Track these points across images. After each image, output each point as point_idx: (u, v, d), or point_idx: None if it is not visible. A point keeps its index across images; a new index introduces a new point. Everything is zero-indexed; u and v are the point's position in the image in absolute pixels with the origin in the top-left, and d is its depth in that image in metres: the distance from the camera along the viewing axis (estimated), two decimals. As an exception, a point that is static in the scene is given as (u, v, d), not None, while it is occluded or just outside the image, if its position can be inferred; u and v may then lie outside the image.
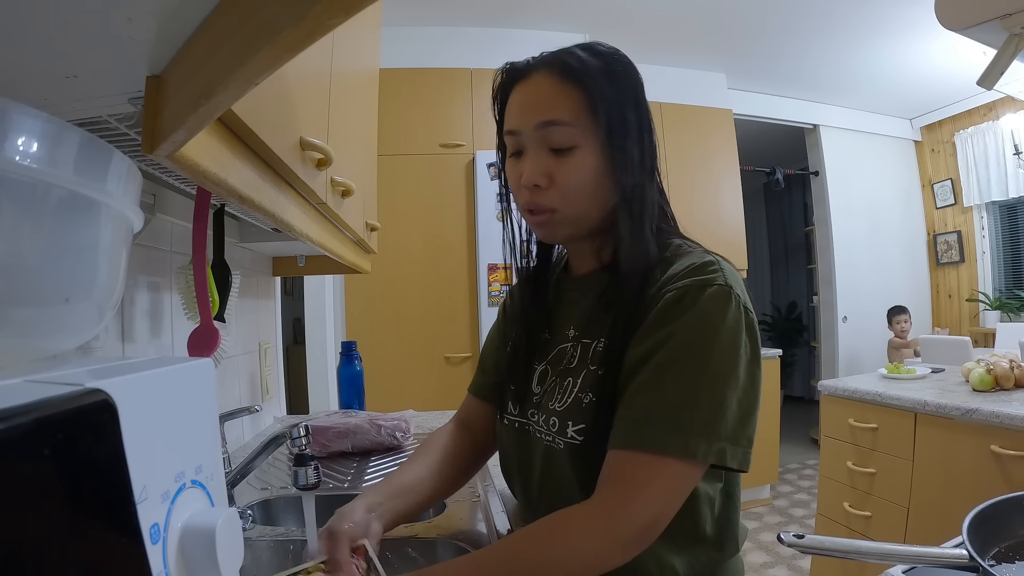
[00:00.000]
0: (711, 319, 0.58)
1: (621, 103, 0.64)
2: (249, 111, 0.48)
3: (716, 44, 3.37)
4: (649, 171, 0.67)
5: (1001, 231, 4.15)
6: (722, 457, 0.56)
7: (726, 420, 0.56)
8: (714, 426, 0.56)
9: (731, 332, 0.58)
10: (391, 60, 2.81)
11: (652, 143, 0.68)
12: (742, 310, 0.59)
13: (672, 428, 0.56)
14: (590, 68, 0.63)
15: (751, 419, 0.59)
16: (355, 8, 0.27)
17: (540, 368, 0.73)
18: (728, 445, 0.56)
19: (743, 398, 0.58)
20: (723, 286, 0.59)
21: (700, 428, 0.56)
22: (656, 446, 0.56)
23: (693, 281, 0.59)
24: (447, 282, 2.84)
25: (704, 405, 0.56)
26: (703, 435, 0.55)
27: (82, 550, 0.26)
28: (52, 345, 0.37)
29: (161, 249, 0.99)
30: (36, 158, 0.30)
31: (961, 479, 1.66)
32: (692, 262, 0.62)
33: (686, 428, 0.55)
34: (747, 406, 0.58)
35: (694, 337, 0.57)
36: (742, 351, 0.58)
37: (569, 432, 0.64)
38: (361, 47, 1.14)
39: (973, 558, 0.60)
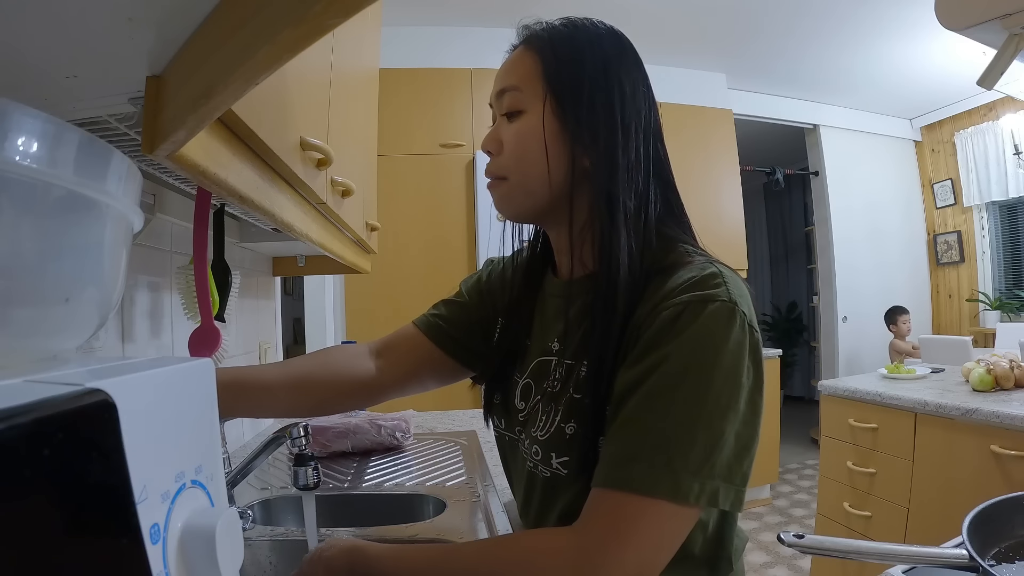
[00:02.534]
0: (711, 341, 0.51)
1: (577, 70, 0.60)
2: (249, 111, 0.48)
3: (716, 44, 3.37)
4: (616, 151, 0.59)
5: (1001, 231, 4.15)
6: (714, 499, 0.50)
7: (722, 457, 0.50)
8: (709, 464, 0.50)
9: (733, 356, 0.51)
10: (391, 60, 2.81)
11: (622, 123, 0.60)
12: (747, 330, 0.52)
13: (662, 466, 0.49)
14: (552, 35, 0.62)
15: (748, 454, 0.52)
16: (355, 8, 0.27)
17: (523, 382, 0.68)
18: (722, 484, 0.50)
19: (742, 431, 0.51)
20: (727, 302, 0.52)
21: (694, 467, 0.49)
22: (644, 487, 0.49)
23: (693, 297, 0.52)
24: (447, 282, 2.80)
25: (700, 441, 0.50)
26: (696, 474, 0.49)
27: (82, 550, 0.26)
28: (52, 345, 0.37)
29: (161, 249, 0.99)
30: (36, 158, 0.30)
31: (961, 479, 1.66)
32: (693, 275, 0.54)
33: (679, 467, 0.49)
34: (746, 440, 0.52)
35: (691, 361, 0.51)
36: (744, 378, 0.52)
37: (553, 463, 0.60)
38: (361, 47, 1.14)
39: (973, 558, 0.60)
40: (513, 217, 0.68)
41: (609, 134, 0.60)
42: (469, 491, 1.07)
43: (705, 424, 0.50)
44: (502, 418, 0.71)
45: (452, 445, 1.41)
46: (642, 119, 0.62)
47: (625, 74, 0.62)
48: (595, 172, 0.59)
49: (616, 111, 0.60)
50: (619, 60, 0.62)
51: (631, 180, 0.60)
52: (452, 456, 1.32)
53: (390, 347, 0.81)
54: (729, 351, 0.51)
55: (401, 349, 0.80)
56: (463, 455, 1.33)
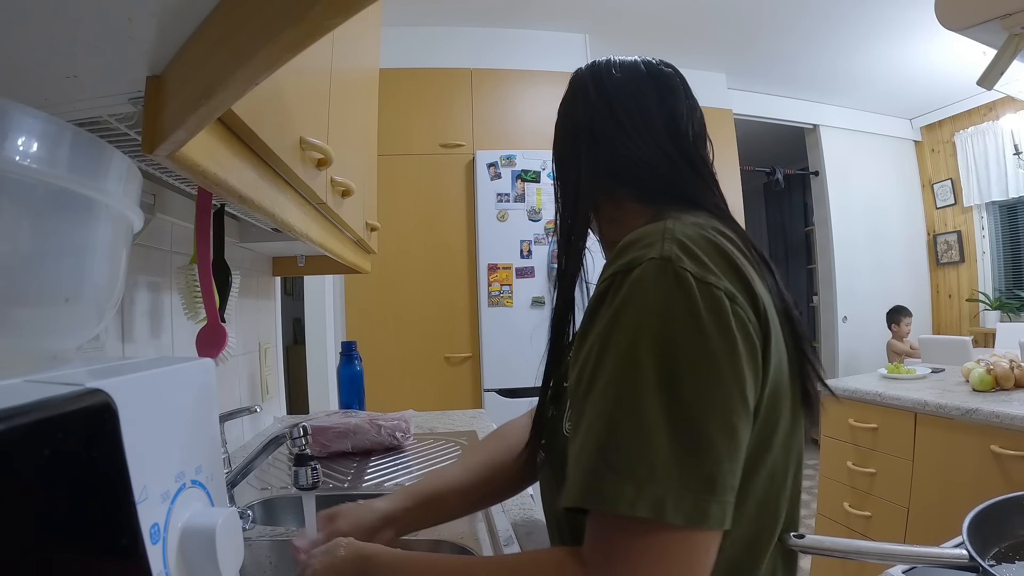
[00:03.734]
0: (632, 312, 0.42)
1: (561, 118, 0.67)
2: (249, 111, 0.48)
3: (716, 44, 3.37)
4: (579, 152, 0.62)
5: (1001, 231, 4.15)
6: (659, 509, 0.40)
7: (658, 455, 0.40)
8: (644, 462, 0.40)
9: (663, 322, 0.42)
10: (391, 60, 2.81)
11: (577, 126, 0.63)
12: (690, 284, 0.42)
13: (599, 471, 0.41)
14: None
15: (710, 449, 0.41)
16: (355, 8, 0.27)
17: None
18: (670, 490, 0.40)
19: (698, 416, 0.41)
20: (655, 260, 0.43)
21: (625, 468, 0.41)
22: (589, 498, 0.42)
23: (619, 265, 0.45)
24: (447, 282, 2.84)
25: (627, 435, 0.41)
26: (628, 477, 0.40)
27: (82, 550, 0.26)
28: (52, 345, 0.37)
29: (161, 249, 0.99)
30: (36, 158, 0.30)
31: (961, 479, 1.66)
32: (630, 239, 0.47)
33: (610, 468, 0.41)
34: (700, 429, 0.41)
35: (609, 343, 0.43)
36: (686, 347, 0.41)
37: (540, 451, 0.62)
38: (361, 47, 1.14)
39: (973, 558, 0.60)
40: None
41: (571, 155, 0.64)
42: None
43: (631, 415, 0.41)
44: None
45: (452, 445, 1.41)
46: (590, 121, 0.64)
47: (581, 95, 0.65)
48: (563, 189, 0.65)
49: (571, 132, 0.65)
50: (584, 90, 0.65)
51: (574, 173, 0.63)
52: (452, 456, 1.32)
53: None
54: (657, 318, 0.42)
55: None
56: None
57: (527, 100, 2.94)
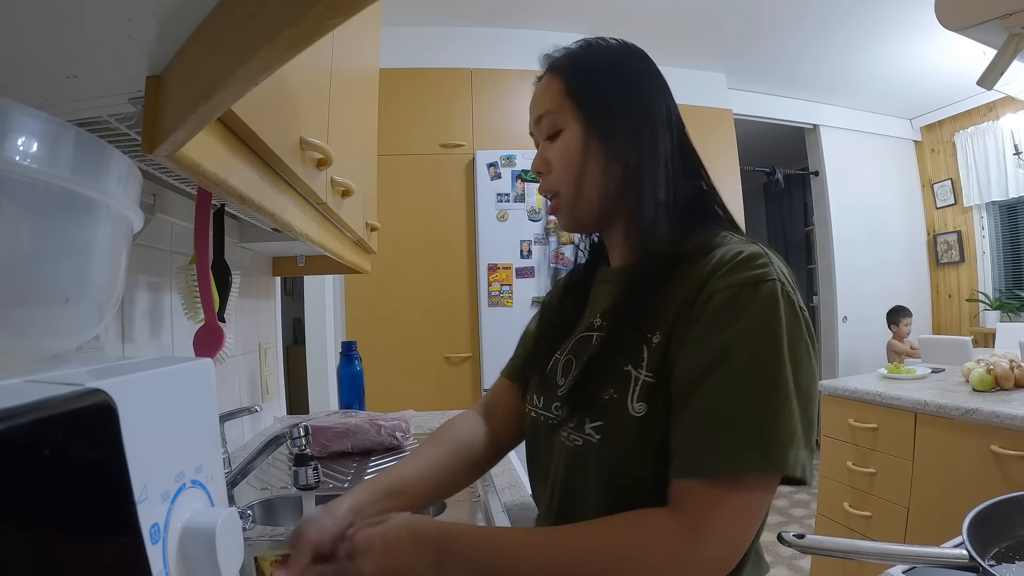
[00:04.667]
0: (772, 323, 0.54)
1: (599, 82, 0.66)
2: (249, 111, 0.48)
3: (716, 44, 3.37)
4: (645, 147, 0.65)
5: (1001, 231, 4.15)
6: (805, 470, 0.52)
7: (799, 428, 0.53)
8: (795, 436, 0.52)
9: (791, 335, 0.54)
10: (391, 60, 2.81)
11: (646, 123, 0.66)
12: (798, 308, 0.56)
13: (753, 446, 0.52)
14: (570, 56, 0.69)
15: (815, 427, 0.55)
16: (355, 8, 0.27)
17: (564, 358, 0.70)
18: (804, 454, 0.53)
19: (807, 405, 0.54)
20: (776, 280, 0.55)
21: (784, 441, 0.52)
22: (737, 468, 0.52)
23: (745, 278, 0.55)
24: (447, 282, 2.84)
25: (783, 417, 0.52)
26: (788, 446, 0.52)
27: (82, 550, 0.26)
28: (52, 345, 0.37)
29: (161, 249, 0.99)
30: (36, 158, 0.30)
31: (961, 479, 1.66)
32: (738, 252, 0.57)
33: (768, 442, 0.52)
34: (811, 413, 0.55)
35: (759, 344, 0.53)
36: (802, 354, 0.54)
37: (586, 429, 0.62)
38: (361, 47, 1.14)
39: (973, 558, 0.60)
40: (576, 227, 0.72)
41: (637, 133, 0.65)
42: (469, 491, 1.07)
43: (785, 403, 0.52)
44: (541, 396, 0.72)
45: (452, 445, 1.41)
46: (663, 114, 0.68)
47: (642, 76, 0.68)
48: (632, 170, 0.65)
49: (638, 111, 0.66)
50: (633, 65, 0.69)
51: (663, 171, 0.65)
52: (452, 456, 1.32)
53: (491, 407, 0.84)
54: (787, 330, 0.54)
55: (499, 406, 0.83)
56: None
57: (527, 100, 2.92)
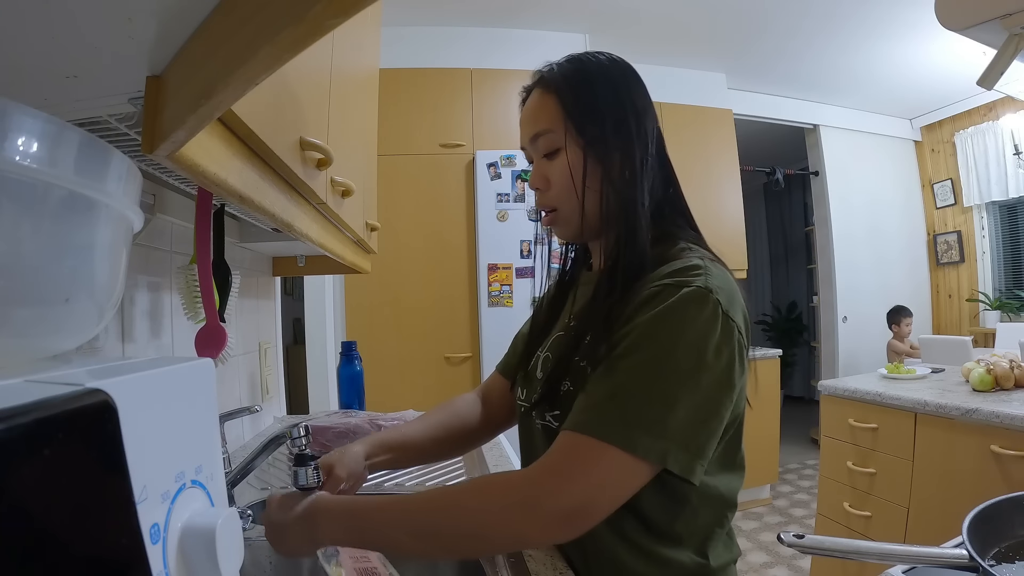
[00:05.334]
0: (678, 317, 0.57)
1: (595, 103, 0.68)
2: (249, 111, 0.48)
3: (716, 44, 3.37)
4: (638, 165, 0.68)
5: (1001, 231, 4.15)
6: (663, 458, 0.54)
7: (675, 421, 0.54)
8: (660, 424, 0.54)
9: (699, 334, 0.56)
10: (392, 60, 2.80)
11: (639, 138, 0.68)
12: (720, 316, 0.57)
13: (617, 417, 0.55)
14: (564, 75, 0.70)
15: (707, 428, 0.56)
16: (355, 8, 0.27)
17: (543, 355, 0.76)
18: (673, 446, 0.54)
19: (702, 405, 0.56)
20: (701, 288, 0.58)
21: (646, 424, 0.54)
22: (598, 432, 0.55)
23: (672, 281, 0.59)
24: (447, 282, 2.84)
25: (654, 401, 0.55)
26: (646, 430, 0.54)
27: (82, 550, 0.26)
28: (52, 345, 0.37)
29: (161, 249, 0.99)
30: (36, 158, 0.30)
31: (961, 479, 1.66)
32: (680, 264, 0.62)
33: (631, 420, 0.54)
34: (705, 414, 0.56)
35: (656, 332, 0.57)
36: (709, 357, 0.56)
37: (547, 417, 0.69)
38: (361, 47, 1.14)
39: (973, 558, 0.60)
40: (572, 239, 0.77)
41: (631, 152, 0.68)
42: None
43: (660, 388, 0.55)
44: (524, 388, 0.78)
45: (452, 445, 1.41)
46: (651, 128, 0.71)
47: (633, 93, 0.70)
48: (623, 184, 0.68)
49: (633, 130, 0.68)
50: (625, 82, 0.71)
51: (649, 184, 0.69)
52: (452, 456, 1.32)
53: (487, 394, 0.92)
54: (695, 329, 0.56)
55: (494, 395, 0.90)
56: (463, 455, 1.32)
57: (527, 100, 2.93)
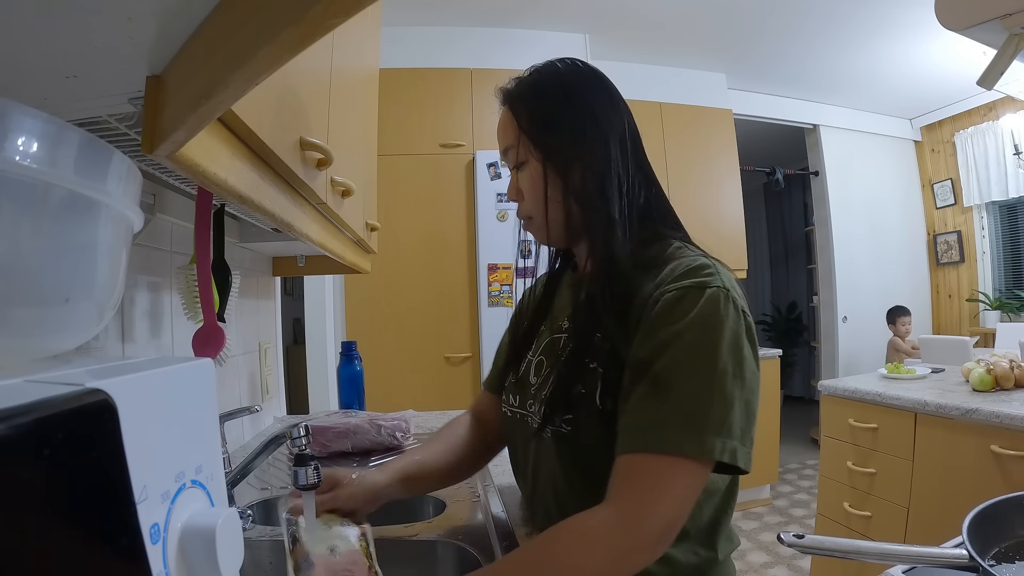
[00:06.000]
0: (715, 320, 0.59)
1: (550, 114, 0.70)
2: (249, 111, 0.48)
3: (716, 44, 3.37)
4: (598, 171, 0.68)
5: (1001, 231, 4.15)
6: (735, 456, 0.57)
7: (736, 419, 0.57)
8: (726, 425, 0.57)
9: (733, 333, 0.59)
10: (392, 60, 2.80)
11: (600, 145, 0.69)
12: (741, 313, 0.60)
13: (686, 428, 0.56)
14: (520, 90, 0.72)
15: (754, 419, 0.60)
16: (355, 8, 0.27)
17: (536, 359, 0.76)
18: (739, 444, 0.57)
19: (749, 399, 0.59)
20: (721, 288, 0.60)
21: (714, 427, 0.56)
22: (671, 447, 0.56)
23: (692, 283, 0.61)
24: (447, 282, 2.84)
25: (716, 405, 0.57)
26: (716, 433, 0.56)
27: (82, 550, 0.26)
28: (52, 345, 0.37)
29: (161, 249, 0.99)
30: (36, 158, 0.30)
31: (961, 479, 1.66)
32: (689, 263, 0.63)
33: (701, 427, 0.56)
34: (752, 407, 0.59)
35: (699, 339, 0.58)
36: (746, 353, 0.59)
37: (557, 422, 0.68)
38: (361, 47, 1.14)
39: (973, 558, 0.60)
40: (550, 244, 0.79)
41: (590, 159, 0.69)
42: (469, 491, 1.07)
43: (719, 391, 0.57)
44: (517, 395, 0.78)
45: (452, 445, 1.41)
46: (617, 130, 0.71)
47: (590, 96, 0.71)
48: (585, 193, 0.69)
49: (590, 136, 0.69)
50: (583, 88, 0.71)
51: (618, 187, 0.69)
52: (452, 456, 1.32)
53: (481, 413, 0.93)
54: (729, 329, 0.59)
55: (487, 415, 0.91)
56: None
57: (527, 100, 2.93)
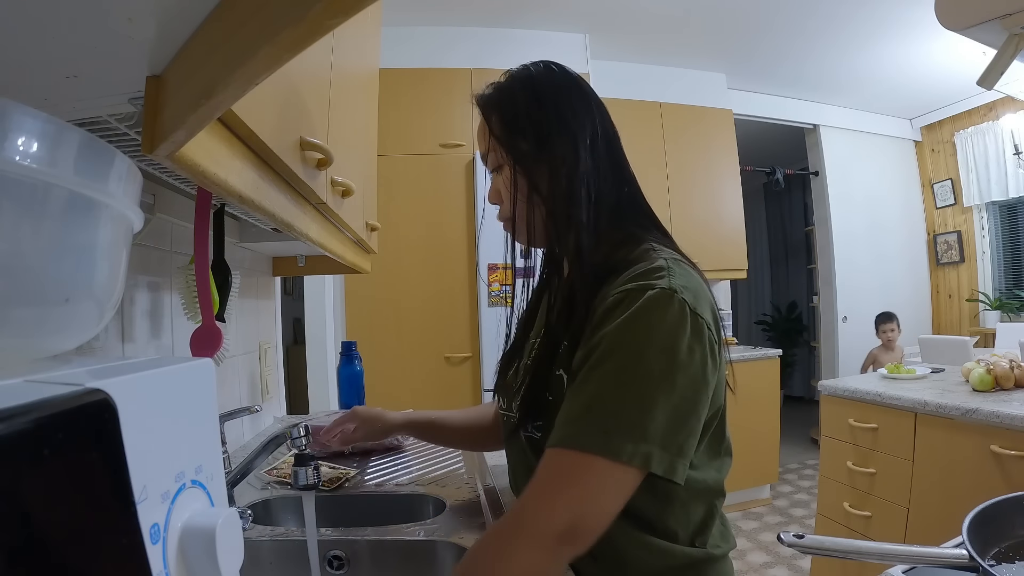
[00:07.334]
0: (645, 321, 0.56)
1: (518, 119, 0.70)
2: (249, 111, 0.48)
3: (716, 44, 3.37)
4: (566, 174, 0.67)
5: (1001, 231, 4.15)
6: (647, 462, 0.54)
7: (654, 423, 0.54)
8: (639, 428, 0.54)
9: (668, 335, 0.56)
10: (392, 60, 2.81)
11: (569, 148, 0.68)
12: (687, 313, 0.57)
13: (596, 427, 0.55)
14: (490, 96, 0.73)
15: (685, 427, 0.57)
16: (355, 8, 0.27)
17: (523, 364, 0.77)
18: (656, 449, 0.54)
19: (679, 405, 0.56)
20: (665, 289, 0.58)
21: (625, 429, 0.54)
22: (579, 444, 0.55)
23: (635, 285, 0.59)
24: (447, 282, 2.84)
25: (631, 406, 0.55)
26: (628, 436, 0.54)
27: (82, 550, 0.26)
28: (52, 345, 0.37)
29: (161, 249, 0.99)
30: (36, 158, 0.30)
31: (961, 479, 1.66)
32: (645, 267, 0.62)
33: (611, 428, 0.54)
34: (683, 414, 0.56)
35: (625, 338, 0.57)
36: (682, 356, 0.56)
37: (529, 428, 0.70)
38: (361, 47, 1.14)
39: (973, 558, 0.60)
40: (533, 246, 0.77)
41: (557, 162, 0.68)
42: (469, 491, 1.07)
43: (636, 392, 0.55)
44: (504, 397, 0.79)
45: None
46: (587, 130, 0.70)
47: (559, 97, 0.70)
48: (551, 197, 0.68)
49: (559, 139, 0.68)
50: (550, 89, 0.71)
51: (586, 189, 0.68)
52: (452, 456, 1.32)
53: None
54: (664, 331, 0.56)
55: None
56: (463, 455, 1.33)
57: (527, 100, 2.93)
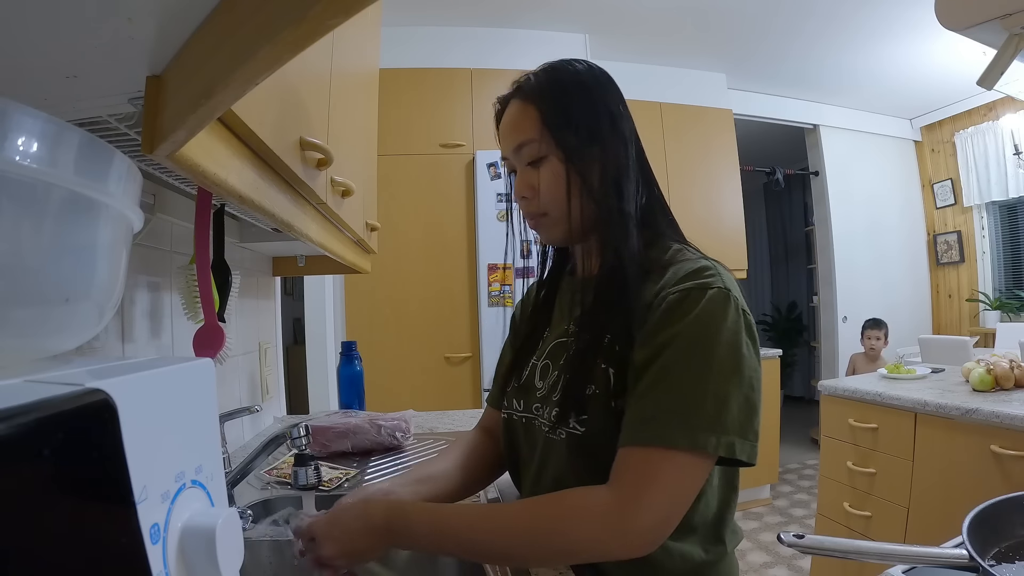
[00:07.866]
0: (713, 320, 0.60)
1: (573, 111, 0.70)
2: (249, 111, 0.48)
3: (716, 44, 3.37)
4: (617, 170, 0.70)
5: (1001, 231, 4.15)
6: (732, 450, 0.58)
7: (732, 415, 0.58)
8: (721, 420, 0.58)
9: (732, 332, 0.60)
10: (392, 60, 2.81)
11: (617, 144, 0.71)
12: (740, 312, 0.62)
13: (680, 423, 0.58)
14: (541, 85, 0.72)
15: (756, 415, 0.61)
16: (355, 8, 0.27)
17: (541, 363, 0.77)
18: (737, 439, 0.58)
19: (748, 394, 0.60)
20: (722, 289, 0.62)
21: (708, 422, 0.58)
22: (665, 440, 0.58)
23: (694, 284, 0.63)
24: (447, 282, 2.84)
25: (711, 400, 0.58)
26: (711, 429, 0.58)
27: (82, 550, 0.26)
28: (52, 345, 0.37)
29: (161, 249, 0.99)
30: (36, 158, 0.30)
31: (961, 479, 1.66)
32: (691, 267, 0.65)
33: (694, 423, 0.58)
34: (753, 402, 0.61)
35: (698, 337, 0.60)
36: (744, 349, 0.61)
37: (571, 423, 0.68)
38: (361, 47, 1.14)
39: (973, 558, 0.60)
40: (559, 243, 0.78)
41: (610, 158, 0.70)
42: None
43: (714, 388, 0.59)
44: (521, 400, 0.78)
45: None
46: (627, 132, 0.73)
47: (608, 100, 0.72)
48: (603, 191, 0.70)
49: (610, 136, 0.71)
50: (600, 88, 0.73)
51: (632, 188, 0.71)
52: (452, 456, 1.32)
53: (489, 429, 0.92)
54: (728, 328, 0.61)
55: (495, 430, 0.89)
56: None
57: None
